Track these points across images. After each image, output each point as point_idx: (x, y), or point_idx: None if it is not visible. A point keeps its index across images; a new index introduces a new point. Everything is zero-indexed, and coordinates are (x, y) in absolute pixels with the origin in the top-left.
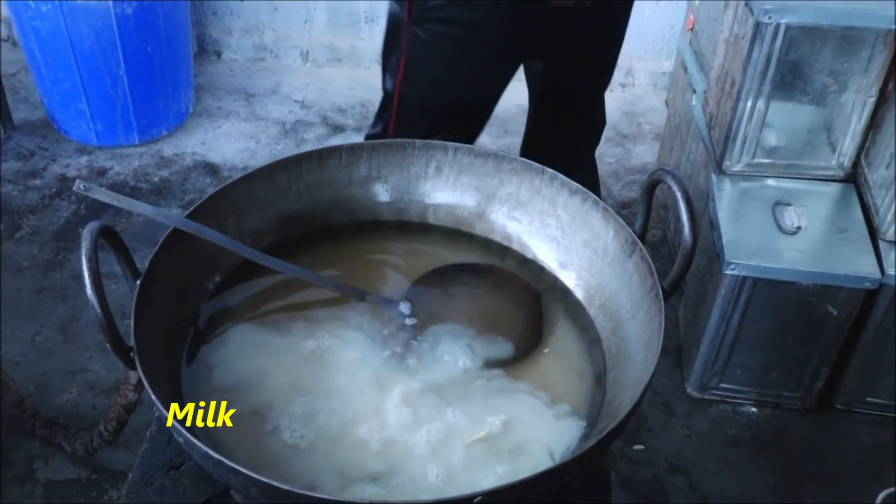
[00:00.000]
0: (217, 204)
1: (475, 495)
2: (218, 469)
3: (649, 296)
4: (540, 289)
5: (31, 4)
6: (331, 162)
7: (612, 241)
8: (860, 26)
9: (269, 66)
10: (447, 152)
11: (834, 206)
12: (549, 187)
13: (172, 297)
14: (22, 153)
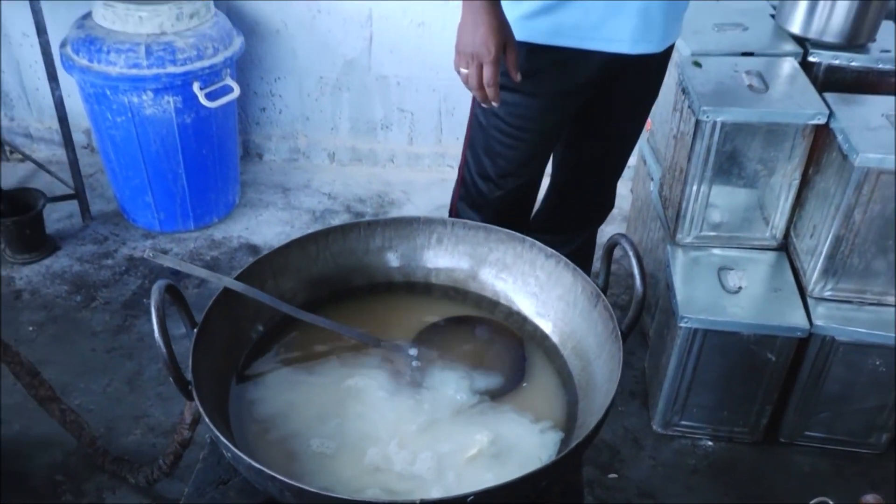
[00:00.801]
0: (259, 268)
1: (468, 495)
2: (259, 477)
3: (611, 337)
4: (523, 335)
5: (109, 116)
6: (352, 235)
7: (581, 294)
8: (782, 122)
9: (302, 165)
10: (446, 226)
11: (769, 270)
12: (529, 253)
13: (222, 343)
14: (97, 238)
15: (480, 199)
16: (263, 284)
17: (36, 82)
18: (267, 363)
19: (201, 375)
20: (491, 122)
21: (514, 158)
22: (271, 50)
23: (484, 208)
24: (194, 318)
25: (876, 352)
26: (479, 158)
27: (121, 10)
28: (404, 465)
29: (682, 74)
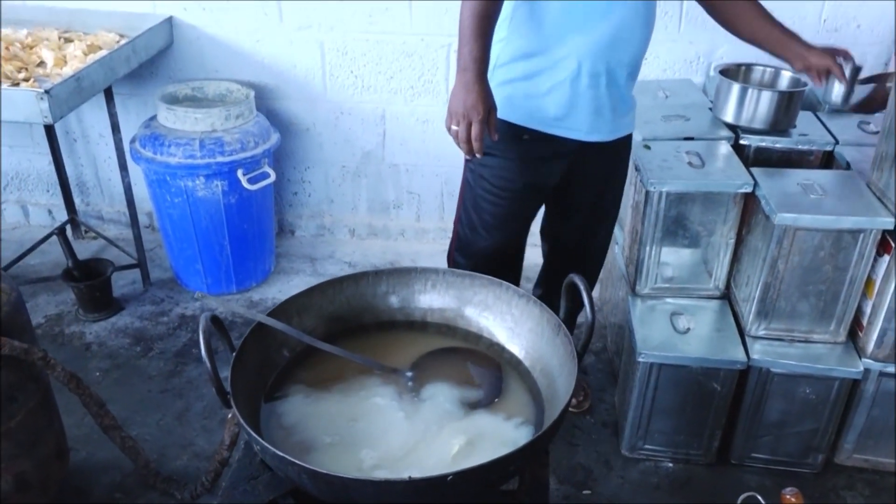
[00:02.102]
0: (287, 307)
1: (447, 475)
2: (282, 464)
3: (570, 357)
4: (500, 361)
5: (168, 198)
6: (362, 282)
7: (546, 325)
8: (716, 191)
9: (327, 239)
10: (438, 274)
11: (714, 315)
12: (506, 294)
13: (255, 364)
14: (155, 300)
15: (471, 248)
16: (290, 320)
17: (108, 174)
18: (291, 382)
19: (238, 388)
20: (478, 182)
21: (498, 214)
22: (302, 144)
23: (475, 256)
24: (233, 344)
25: (806, 381)
26: (469, 213)
27: (180, 112)
28: (400, 456)
29: (635, 155)
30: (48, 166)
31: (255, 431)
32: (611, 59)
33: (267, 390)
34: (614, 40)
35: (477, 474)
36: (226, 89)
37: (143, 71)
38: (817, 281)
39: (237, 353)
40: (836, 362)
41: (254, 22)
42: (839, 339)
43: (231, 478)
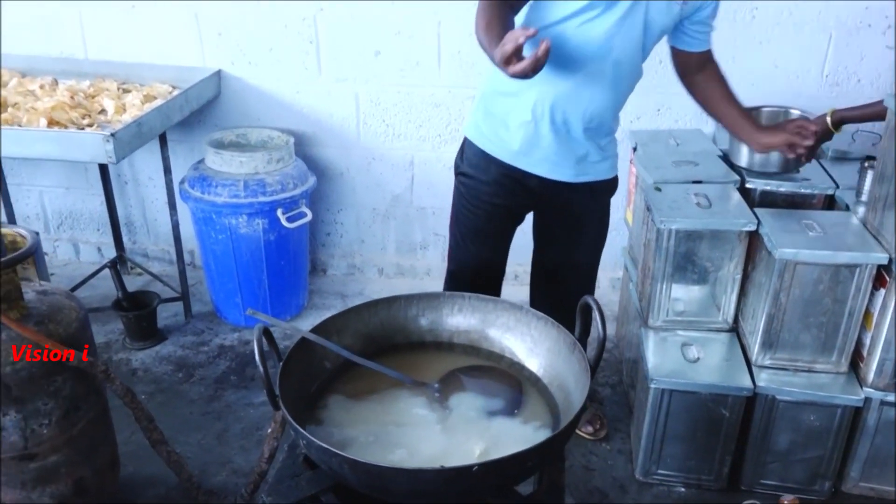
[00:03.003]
0: (328, 326)
1: (473, 465)
2: (325, 455)
3: (584, 372)
4: (521, 378)
5: (213, 234)
6: (394, 305)
7: (563, 344)
8: (723, 229)
9: (357, 278)
10: (465, 299)
11: (722, 346)
12: (526, 317)
13: (300, 374)
14: (196, 331)
15: (457, 256)
16: (330, 337)
17: (154, 214)
18: (330, 392)
19: (285, 392)
20: (460, 198)
21: (473, 227)
22: (336, 188)
23: (459, 263)
24: (281, 355)
25: (810, 409)
26: (455, 224)
27: (227, 156)
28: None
29: (646, 197)
30: (100, 207)
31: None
32: (568, 112)
33: (309, 398)
34: (574, 96)
35: (500, 466)
36: (267, 136)
37: (192, 119)
38: (818, 313)
39: (284, 362)
40: (838, 390)
41: (295, 75)
42: (841, 368)
43: (276, 476)
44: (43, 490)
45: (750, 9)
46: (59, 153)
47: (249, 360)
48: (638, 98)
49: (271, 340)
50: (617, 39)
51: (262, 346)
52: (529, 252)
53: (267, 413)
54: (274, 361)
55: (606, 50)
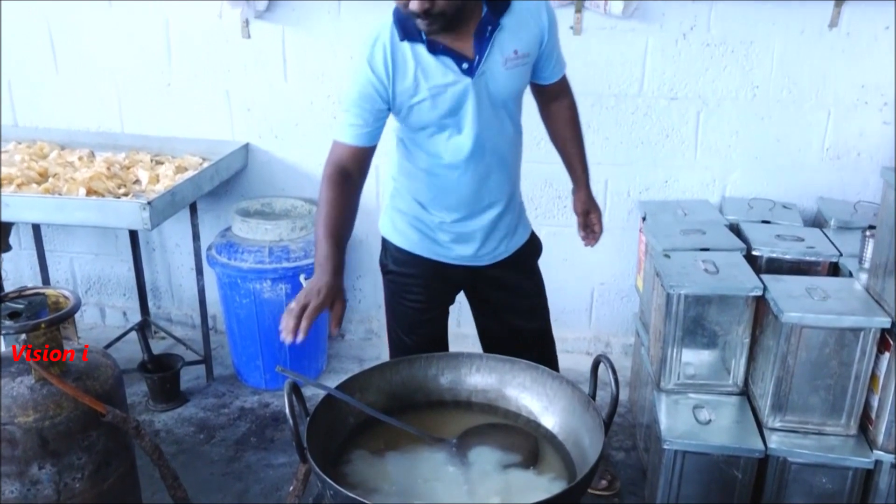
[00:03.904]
0: (351, 384)
1: None
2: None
3: (598, 428)
4: (537, 435)
5: (237, 298)
6: (415, 365)
7: (577, 402)
8: (730, 294)
9: (375, 343)
10: (482, 359)
11: (733, 409)
12: (541, 377)
13: (325, 428)
14: (217, 393)
15: (400, 348)
16: (353, 394)
17: (180, 280)
18: (353, 447)
19: (312, 446)
20: (393, 298)
21: (410, 321)
22: (355, 254)
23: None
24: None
25: (822, 471)
26: (391, 321)
27: (253, 224)
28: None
29: (656, 264)
30: (127, 272)
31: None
32: (475, 207)
33: (334, 452)
34: (475, 192)
35: None
36: (291, 205)
37: (219, 188)
38: (825, 376)
39: (311, 418)
40: (848, 453)
41: (319, 147)
42: (850, 431)
43: None
44: None
45: (751, 87)
46: (97, 220)
47: (269, 422)
48: (647, 170)
49: (299, 397)
50: (484, 132)
51: (292, 401)
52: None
53: (286, 474)
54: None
55: (479, 147)
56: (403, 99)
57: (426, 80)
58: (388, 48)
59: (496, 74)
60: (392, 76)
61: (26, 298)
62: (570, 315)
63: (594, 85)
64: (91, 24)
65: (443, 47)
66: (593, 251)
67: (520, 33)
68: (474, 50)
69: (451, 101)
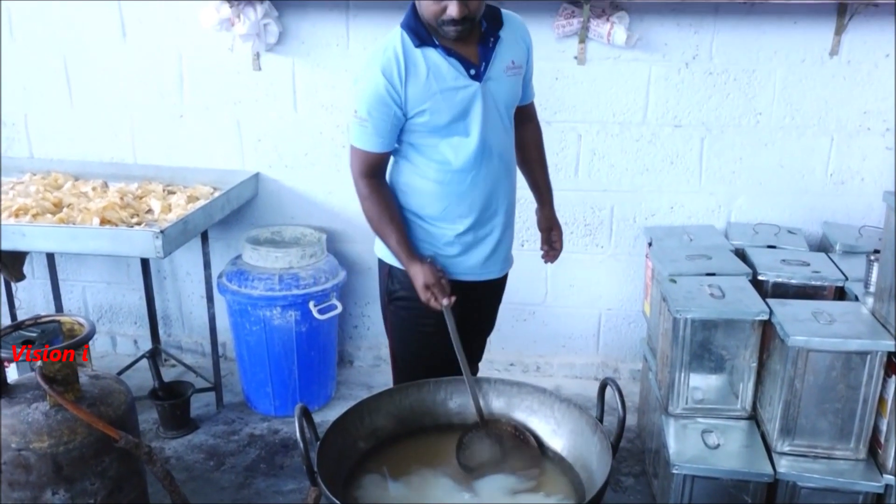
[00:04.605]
0: (361, 407)
1: None
2: None
3: (606, 450)
4: (544, 457)
5: (247, 325)
6: (423, 389)
7: (585, 425)
8: (736, 318)
9: (383, 370)
10: (490, 383)
11: (742, 433)
12: (549, 399)
13: (336, 452)
14: (227, 420)
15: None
16: (363, 417)
17: (190, 308)
18: (364, 470)
19: (323, 469)
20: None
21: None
22: (364, 282)
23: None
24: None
25: (832, 495)
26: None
27: (263, 252)
28: None
29: (662, 289)
30: (138, 301)
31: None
32: (489, 212)
33: (345, 476)
34: (489, 197)
35: None
36: (300, 233)
37: (230, 217)
38: (833, 399)
39: (321, 441)
40: (858, 477)
41: (327, 176)
42: (860, 455)
43: None
44: None
45: (754, 114)
46: (111, 249)
47: (279, 448)
48: (653, 196)
49: (310, 422)
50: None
51: (302, 425)
52: None
53: (296, 500)
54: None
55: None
56: (416, 101)
57: (438, 82)
58: (401, 55)
59: (500, 81)
60: (405, 80)
61: (40, 326)
62: (577, 341)
63: (599, 113)
64: (106, 58)
65: (454, 52)
66: (599, 277)
67: (513, 46)
68: (479, 57)
69: (462, 103)
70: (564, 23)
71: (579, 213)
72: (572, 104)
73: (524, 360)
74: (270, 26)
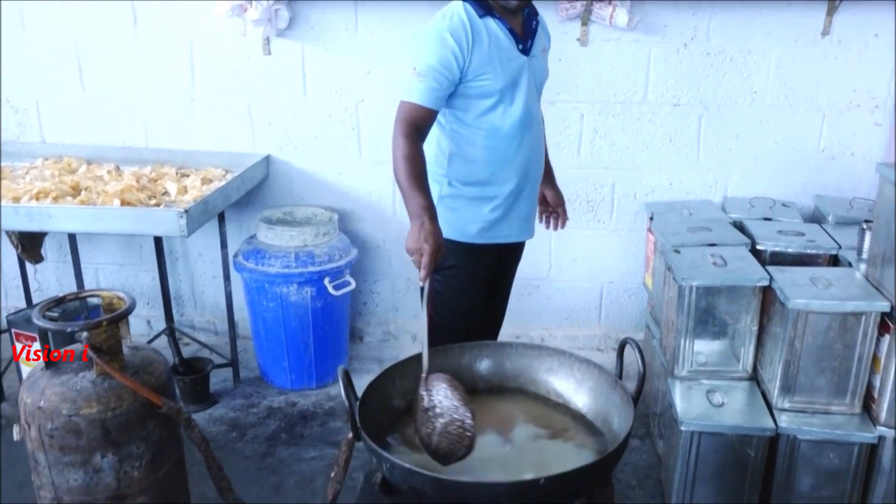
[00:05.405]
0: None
1: (540, 479)
2: (408, 475)
3: (627, 405)
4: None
5: (264, 302)
6: (450, 353)
7: (604, 383)
8: (738, 285)
9: (392, 344)
10: (512, 347)
11: (744, 393)
12: (568, 360)
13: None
14: (244, 395)
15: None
16: (394, 381)
17: (202, 287)
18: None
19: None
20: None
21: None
22: (373, 260)
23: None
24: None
25: (829, 447)
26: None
27: (278, 231)
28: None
29: (667, 259)
30: (151, 281)
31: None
32: (529, 176)
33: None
34: (528, 162)
35: (562, 480)
36: (311, 213)
37: (241, 199)
38: (830, 358)
39: (361, 400)
40: (853, 429)
41: (337, 158)
42: (855, 409)
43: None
44: None
45: (749, 93)
46: (135, 229)
47: (297, 420)
48: (652, 173)
49: (348, 381)
50: (531, 107)
51: (346, 383)
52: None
53: (319, 467)
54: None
55: (529, 118)
56: (478, 67)
57: (498, 51)
58: (467, 22)
59: (539, 59)
60: (471, 46)
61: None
62: (580, 314)
63: (601, 93)
64: (117, 45)
65: (509, 26)
66: (601, 252)
67: (543, 34)
68: (525, 35)
69: (514, 73)
70: (568, 6)
71: (582, 189)
72: (575, 85)
73: (529, 332)
74: (281, 11)
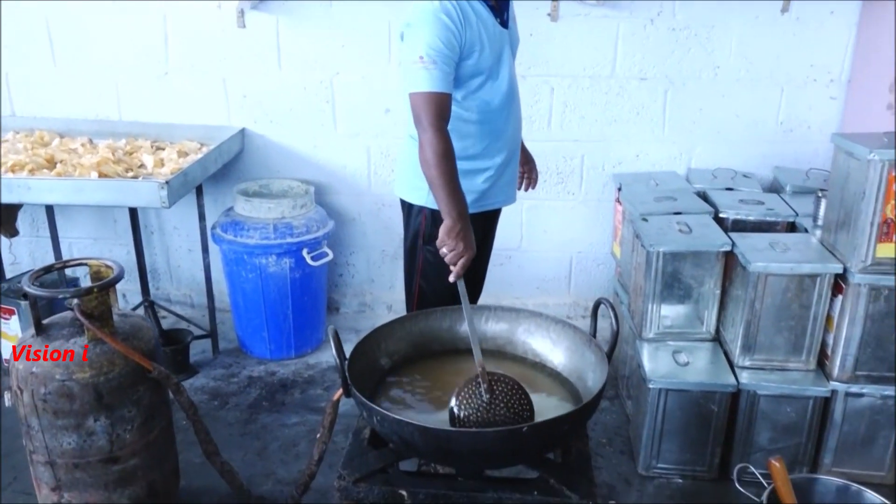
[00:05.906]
0: (376, 334)
1: (522, 426)
2: (397, 426)
3: (601, 361)
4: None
5: (243, 274)
6: (431, 317)
7: (578, 341)
8: (702, 250)
9: (368, 315)
10: (491, 310)
11: (707, 353)
12: (545, 322)
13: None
14: (224, 365)
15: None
16: (380, 342)
17: (178, 261)
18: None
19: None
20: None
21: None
22: (349, 232)
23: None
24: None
25: (786, 401)
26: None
27: (256, 203)
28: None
29: (635, 227)
30: (126, 256)
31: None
32: (515, 144)
33: (372, 386)
34: (515, 131)
35: (542, 428)
36: (287, 186)
37: (217, 172)
38: (787, 318)
39: (349, 360)
40: (809, 384)
41: (312, 130)
42: (810, 366)
43: (346, 456)
44: (122, 491)
45: (713, 67)
46: (115, 200)
47: (278, 388)
48: (620, 145)
49: (338, 341)
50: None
51: (337, 342)
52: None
53: (301, 432)
54: None
55: (513, 88)
56: (471, 44)
57: (484, 28)
58: (456, 3)
59: (514, 31)
60: (463, 26)
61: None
62: (550, 283)
63: (570, 68)
64: (89, 17)
65: (489, 2)
66: (571, 222)
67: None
68: (500, 7)
69: (498, 47)
70: None
71: (552, 162)
72: (545, 59)
73: (501, 301)
74: None
